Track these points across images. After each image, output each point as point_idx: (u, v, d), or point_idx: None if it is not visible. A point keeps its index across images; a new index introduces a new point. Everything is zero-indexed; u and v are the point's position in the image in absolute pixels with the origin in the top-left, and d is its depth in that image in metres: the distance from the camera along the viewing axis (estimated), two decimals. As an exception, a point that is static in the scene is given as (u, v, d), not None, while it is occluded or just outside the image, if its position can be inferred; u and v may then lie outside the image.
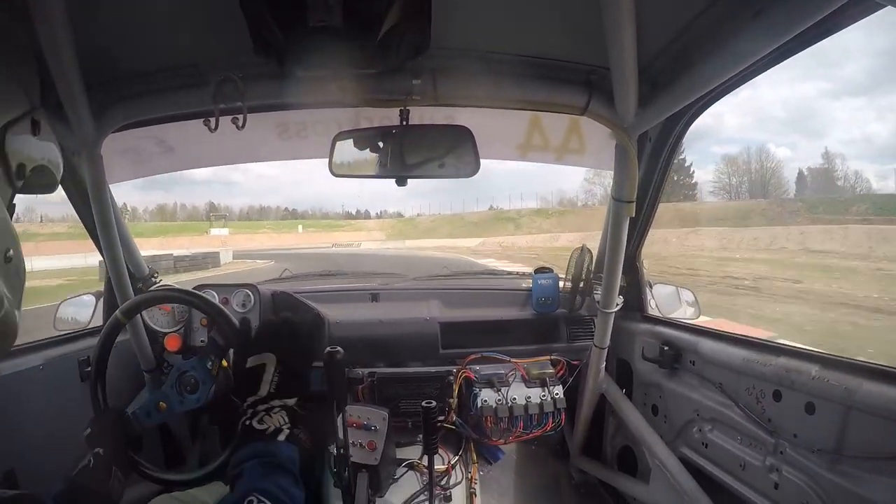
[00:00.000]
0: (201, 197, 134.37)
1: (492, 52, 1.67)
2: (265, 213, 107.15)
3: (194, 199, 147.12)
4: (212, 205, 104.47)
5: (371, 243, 64.16)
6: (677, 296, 2.51)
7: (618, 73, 1.51)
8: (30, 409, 1.81)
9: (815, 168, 66.51)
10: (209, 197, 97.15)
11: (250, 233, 79.45)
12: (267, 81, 1.64)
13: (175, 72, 1.69)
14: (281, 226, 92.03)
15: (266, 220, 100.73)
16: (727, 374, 1.82)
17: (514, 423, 2.32)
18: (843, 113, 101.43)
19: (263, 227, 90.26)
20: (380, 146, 1.76)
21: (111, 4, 1.33)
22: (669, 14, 1.39)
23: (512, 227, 63.38)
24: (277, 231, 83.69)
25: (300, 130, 2.61)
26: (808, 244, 32.36)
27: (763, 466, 1.63)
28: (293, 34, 1.33)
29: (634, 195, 1.88)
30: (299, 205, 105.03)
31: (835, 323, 13.66)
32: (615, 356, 2.52)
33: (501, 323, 2.58)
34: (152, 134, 2.34)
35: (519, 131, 2.66)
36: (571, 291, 2.53)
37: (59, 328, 2.31)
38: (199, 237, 64.60)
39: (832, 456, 1.38)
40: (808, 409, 1.46)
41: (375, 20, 1.29)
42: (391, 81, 1.63)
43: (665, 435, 2.17)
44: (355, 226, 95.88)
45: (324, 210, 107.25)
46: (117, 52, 1.57)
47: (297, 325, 1.43)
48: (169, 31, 1.49)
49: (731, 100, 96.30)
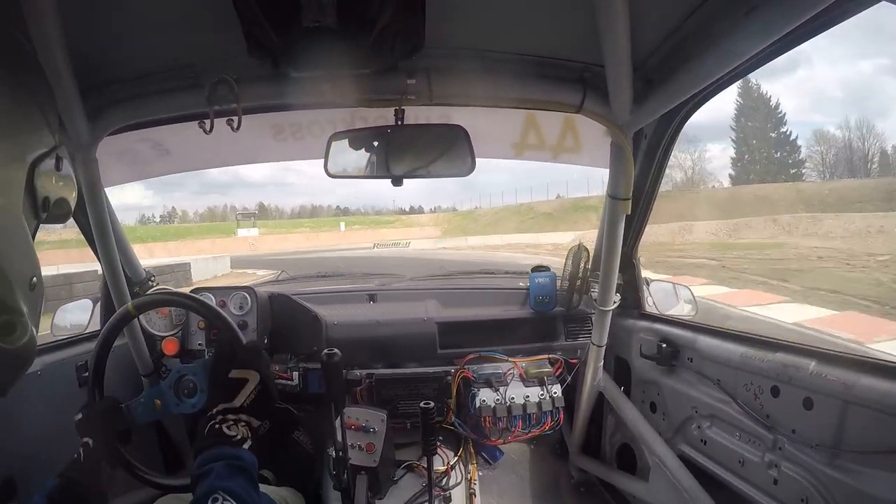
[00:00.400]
0: (254, 199, 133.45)
1: (486, 51, 1.67)
2: (317, 212, 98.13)
3: (246, 201, 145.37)
4: (261, 205, 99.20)
5: (423, 241, 53.03)
6: (674, 293, 2.51)
7: (612, 70, 1.52)
8: (28, 415, 1.80)
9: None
10: (262, 199, 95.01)
11: (284, 232, 68.50)
12: (261, 82, 1.64)
13: (169, 74, 1.68)
14: (321, 224, 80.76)
15: (305, 219, 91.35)
16: (725, 370, 1.82)
17: (512, 422, 2.31)
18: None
19: (302, 225, 79.60)
20: (375, 146, 1.76)
21: (104, 7, 1.33)
22: (663, 11, 1.39)
23: (595, 217, 55.29)
24: (316, 229, 72.00)
25: (296, 131, 2.61)
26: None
27: (762, 462, 1.63)
28: (287, 34, 1.33)
29: (630, 193, 1.88)
30: (352, 203, 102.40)
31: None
32: (613, 354, 2.52)
33: (499, 322, 2.58)
34: (148, 136, 2.34)
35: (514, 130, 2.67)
36: (568, 290, 2.53)
37: (57, 334, 2.30)
38: (225, 239, 57.05)
39: (831, 451, 1.38)
40: (806, 404, 1.46)
41: (369, 20, 1.29)
42: (386, 81, 1.62)
43: (664, 432, 2.17)
44: (406, 221, 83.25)
45: (376, 208, 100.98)
46: (111, 55, 1.56)
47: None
48: (163, 34, 1.49)
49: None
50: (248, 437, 1.30)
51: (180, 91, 1.71)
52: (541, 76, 1.72)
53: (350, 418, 2.10)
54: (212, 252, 39.61)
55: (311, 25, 1.26)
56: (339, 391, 1.80)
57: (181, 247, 47.99)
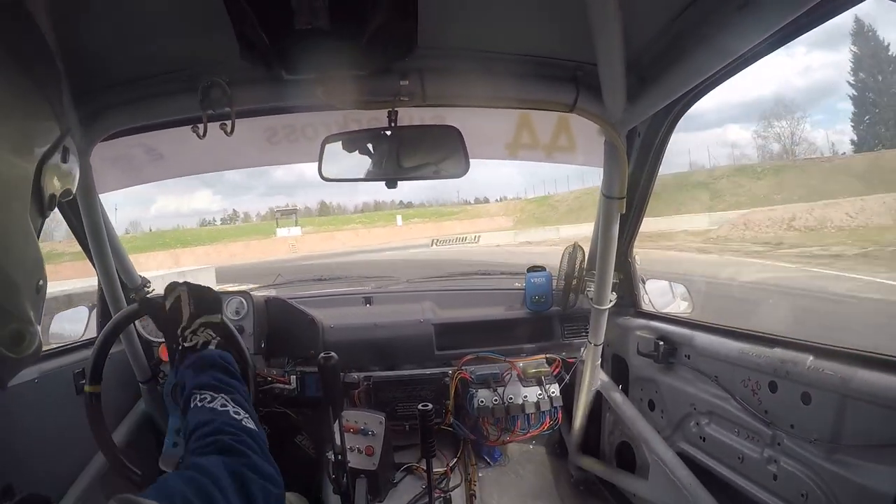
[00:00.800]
0: (318, 198, 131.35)
1: (479, 51, 1.67)
2: (380, 208, 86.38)
3: (309, 201, 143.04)
4: (322, 204, 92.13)
5: (497, 235, 43.65)
6: (671, 290, 2.52)
7: (605, 68, 1.52)
8: (26, 422, 1.80)
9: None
10: (326, 197, 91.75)
11: (332, 230, 60.14)
12: (254, 85, 1.64)
13: (163, 78, 1.68)
14: (375, 218, 70.38)
15: (356, 215, 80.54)
16: (722, 366, 1.83)
17: (511, 422, 2.32)
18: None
19: (353, 221, 70.05)
20: (369, 148, 1.76)
21: (96, 12, 1.32)
22: (656, 9, 1.39)
23: (706, 195, 43.29)
24: (370, 225, 62.94)
25: (289, 134, 2.60)
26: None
27: (761, 458, 1.63)
28: (280, 37, 1.32)
29: (625, 191, 1.88)
30: (415, 197, 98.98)
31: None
32: (611, 352, 2.52)
33: (496, 322, 2.59)
34: (142, 142, 2.33)
35: (508, 130, 2.67)
36: (564, 289, 2.54)
37: (53, 341, 2.29)
38: (262, 241, 49.89)
39: (829, 445, 1.39)
40: (804, 399, 1.47)
41: (362, 22, 1.29)
42: (379, 83, 1.62)
43: (662, 430, 2.17)
44: (471, 212, 73.23)
45: (440, 201, 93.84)
46: (104, 60, 1.56)
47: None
48: (156, 38, 1.49)
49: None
50: (211, 340, 1.29)
51: (174, 95, 1.70)
52: (534, 76, 1.72)
53: (348, 421, 2.10)
54: (244, 257, 36.76)
55: (304, 28, 1.26)
56: (337, 394, 1.80)
57: (211, 251, 44.50)
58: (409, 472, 2.29)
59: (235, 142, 1.74)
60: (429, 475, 2.00)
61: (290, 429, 2.50)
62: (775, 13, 1.06)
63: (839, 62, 50.99)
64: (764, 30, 1.13)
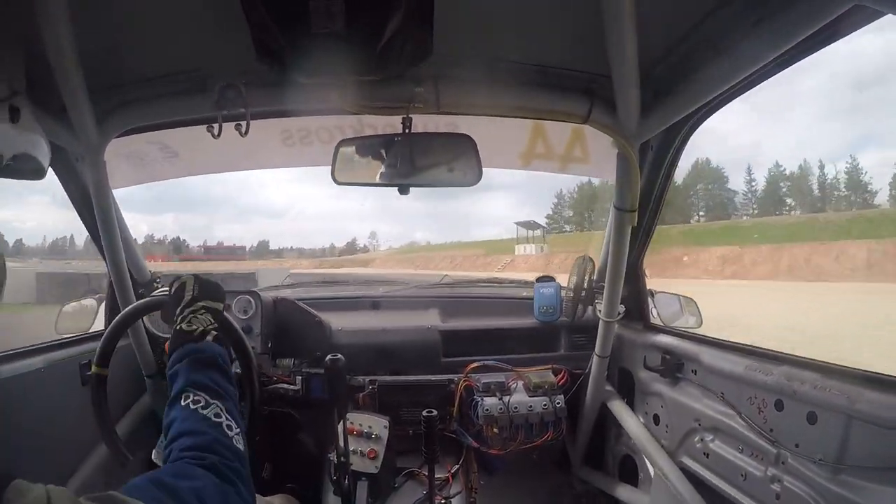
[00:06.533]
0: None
1: (494, 60, 1.68)
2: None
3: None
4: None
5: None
6: (679, 305, 2.50)
7: (619, 81, 1.52)
8: (30, 413, 1.81)
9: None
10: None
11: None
12: (270, 88, 1.65)
13: (178, 77, 1.70)
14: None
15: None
16: (729, 383, 1.81)
17: (515, 431, 2.31)
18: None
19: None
20: (383, 154, 1.77)
21: (115, 10, 1.35)
22: (670, 22, 1.39)
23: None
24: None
25: (304, 137, 2.63)
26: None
27: (765, 477, 1.62)
28: (296, 40, 1.34)
29: (636, 204, 1.88)
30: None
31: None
32: (617, 365, 2.50)
33: (503, 331, 2.58)
34: (157, 139, 2.36)
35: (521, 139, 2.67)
36: (573, 300, 2.53)
37: (61, 332, 2.31)
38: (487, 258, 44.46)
39: (834, 466, 1.37)
40: (809, 418, 1.45)
41: (378, 27, 1.30)
42: (393, 89, 1.63)
43: (667, 444, 2.16)
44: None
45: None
46: (121, 56, 1.58)
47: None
48: (173, 37, 1.51)
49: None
50: (208, 327, 1.30)
51: (189, 95, 1.72)
52: (548, 86, 1.73)
53: (352, 424, 2.10)
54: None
55: (320, 32, 1.27)
56: (342, 396, 1.80)
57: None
58: (411, 477, 2.28)
59: (250, 143, 1.76)
60: (430, 481, 1.99)
61: (292, 429, 2.50)
62: (790, 29, 1.06)
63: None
64: (778, 45, 1.13)
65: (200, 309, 1.33)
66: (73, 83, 1.46)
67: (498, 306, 2.79)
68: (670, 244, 36.22)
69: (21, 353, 1.90)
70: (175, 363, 1.19)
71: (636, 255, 2.34)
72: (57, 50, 1.32)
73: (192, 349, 1.22)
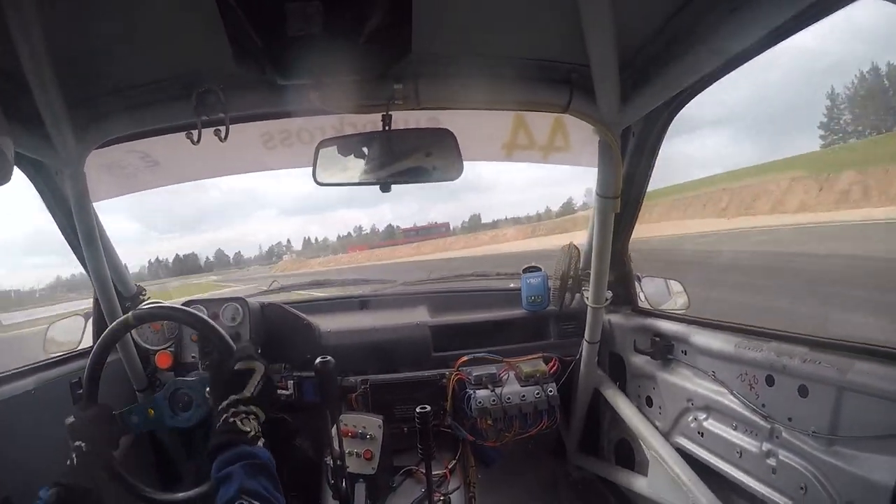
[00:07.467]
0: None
1: (473, 55, 1.68)
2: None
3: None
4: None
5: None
6: (666, 288, 2.53)
7: (598, 70, 1.53)
8: (23, 433, 1.78)
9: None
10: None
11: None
12: (249, 91, 1.64)
13: (157, 85, 1.68)
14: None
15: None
16: (719, 362, 1.84)
17: (509, 422, 2.32)
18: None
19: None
20: (364, 152, 1.76)
21: (90, 20, 1.32)
22: (648, 10, 1.40)
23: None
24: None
25: (285, 139, 2.60)
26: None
27: (760, 452, 1.64)
28: (274, 42, 1.32)
29: (619, 191, 1.90)
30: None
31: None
32: (608, 350, 2.53)
33: (492, 323, 2.59)
34: (137, 148, 2.32)
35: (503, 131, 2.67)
36: (560, 289, 2.54)
37: (50, 350, 2.28)
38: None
39: (827, 437, 1.40)
40: (801, 391, 1.48)
41: (356, 26, 1.29)
42: (373, 87, 1.62)
43: (661, 426, 2.18)
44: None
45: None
46: (98, 67, 1.56)
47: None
48: (150, 45, 1.49)
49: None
50: (259, 432, 1.28)
51: (168, 102, 1.70)
52: (528, 78, 1.73)
53: (346, 425, 2.10)
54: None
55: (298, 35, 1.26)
56: (334, 398, 1.79)
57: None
58: (409, 476, 2.28)
59: (231, 147, 1.74)
60: (428, 479, 1.99)
61: (288, 434, 2.49)
62: (768, 15, 1.08)
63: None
64: (756, 31, 1.14)
65: (253, 413, 1.32)
66: (50, 95, 1.43)
67: (486, 299, 2.80)
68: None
69: (11, 375, 1.88)
70: (227, 464, 1.17)
71: (621, 241, 2.36)
72: (33, 63, 1.30)
73: (248, 452, 1.20)
